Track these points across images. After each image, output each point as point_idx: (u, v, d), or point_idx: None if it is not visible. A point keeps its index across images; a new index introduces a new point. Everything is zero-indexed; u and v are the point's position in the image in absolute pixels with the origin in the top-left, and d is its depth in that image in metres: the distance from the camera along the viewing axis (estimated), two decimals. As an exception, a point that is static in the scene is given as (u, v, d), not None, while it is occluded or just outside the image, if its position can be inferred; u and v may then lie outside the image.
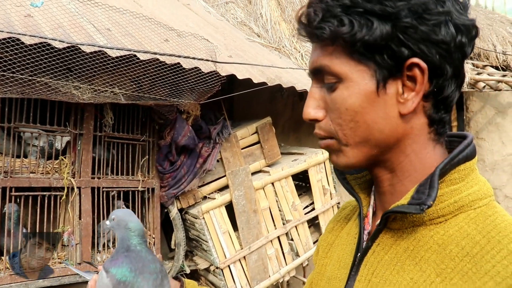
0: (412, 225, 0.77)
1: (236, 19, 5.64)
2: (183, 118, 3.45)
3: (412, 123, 0.77)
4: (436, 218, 0.74)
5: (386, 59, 0.72)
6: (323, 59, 0.78)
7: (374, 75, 0.74)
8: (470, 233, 0.70)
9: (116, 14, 2.95)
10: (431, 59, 0.71)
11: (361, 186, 0.93)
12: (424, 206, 0.70)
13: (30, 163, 2.91)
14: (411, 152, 0.79)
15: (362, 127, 0.76)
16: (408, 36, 0.70)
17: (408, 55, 0.71)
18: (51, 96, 2.63)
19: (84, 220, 3.07)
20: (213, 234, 3.50)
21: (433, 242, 0.73)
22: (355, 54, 0.74)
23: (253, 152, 4.09)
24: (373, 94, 0.74)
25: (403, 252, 0.76)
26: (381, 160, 0.81)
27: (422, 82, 0.72)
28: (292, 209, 4.07)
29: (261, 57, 4.26)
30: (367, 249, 0.83)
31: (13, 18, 2.45)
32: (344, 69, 0.75)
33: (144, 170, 3.53)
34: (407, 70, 0.73)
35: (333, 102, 0.77)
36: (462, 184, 0.75)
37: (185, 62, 2.82)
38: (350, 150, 0.79)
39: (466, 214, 0.73)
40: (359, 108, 0.75)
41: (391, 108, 0.75)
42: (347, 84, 0.75)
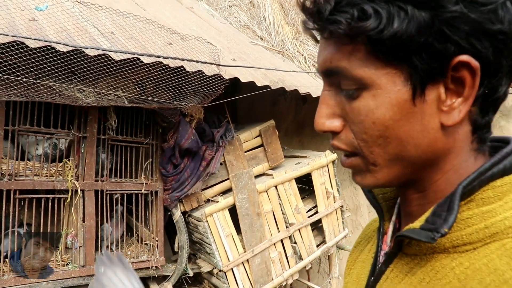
0: (431, 251, 0.63)
1: (239, 22, 5.65)
2: (187, 121, 3.45)
3: (455, 134, 0.61)
4: (462, 245, 0.59)
5: (425, 59, 0.56)
6: (339, 60, 0.61)
7: (408, 80, 0.58)
8: (500, 268, 0.53)
9: (119, 18, 2.97)
10: (485, 54, 0.56)
11: (385, 196, 0.79)
12: (437, 235, 0.58)
13: (34, 166, 2.91)
14: (450, 168, 0.64)
15: (394, 143, 0.61)
16: (455, 29, 0.54)
17: (453, 52, 0.55)
18: (55, 99, 2.64)
19: (87, 222, 3.08)
20: (216, 237, 3.50)
21: (453, 276, 0.58)
22: (382, 54, 0.57)
23: (257, 155, 4.09)
24: (408, 103, 0.58)
25: (418, 283, 0.62)
26: (414, 180, 0.66)
27: (473, 86, 0.57)
28: (296, 212, 4.07)
29: (264, 60, 4.27)
30: (381, 274, 0.71)
31: (18, 22, 2.46)
32: (369, 73, 0.59)
33: (148, 173, 3.53)
34: (452, 71, 0.57)
35: (355, 113, 0.62)
36: (498, 204, 0.58)
37: (189, 65, 2.83)
38: (380, 170, 0.64)
39: (501, 243, 0.56)
40: (390, 121, 0.59)
41: (430, 118, 0.59)
42: (373, 91, 0.59)
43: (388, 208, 0.79)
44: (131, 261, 3.31)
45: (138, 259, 3.37)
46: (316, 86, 4.35)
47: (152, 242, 3.50)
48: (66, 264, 3.07)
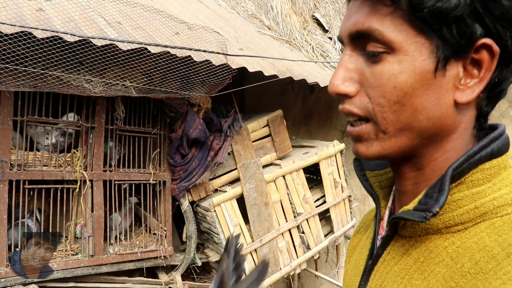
0: (425, 232, 0.66)
1: (247, 12, 5.62)
2: (194, 111, 3.45)
3: (463, 115, 0.64)
4: (454, 225, 0.62)
5: (455, 34, 0.58)
6: (372, 21, 0.62)
7: (434, 52, 0.60)
8: (488, 245, 0.57)
9: (126, 8, 2.96)
10: (505, 42, 0.59)
11: (381, 184, 0.81)
12: (429, 214, 0.60)
13: (43, 156, 2.93)
14: (451, 148, 0.66)
15: (408, 111, 0.62)
16: (487, 11, 0.57)
17: (480, 34, 0.58)
18: (63, 89, 2.64)
19: (96, 212, 3.10)
20: (224, 227, 3.51)
21: (446, 255, 0.61)
22: (417, 21, 0.59)
23: (264, 145, 4.09)
24: (430, 74, 0.60)
25: (413, 263, 0.66)
26: (414, 155, 0.68)
27: (490, 69, 0.60)
28: (303, 202, 4.07)
29: (272, 50, 4.25)
30: (378, 257, 0.74)
31: (25, 12, 2.46)
32: (400, 38, 0.60)
33: (156, 163, 3.54)
34: (474, 52, 0.60)
35: (376, 77, 0.63)
36: (487, 186, 0.62)
37: (196, 55, 2.82)
38: (388, 139, 0.65)
39: (490, 222, 0.60)
40: (410, 88, 0.61)
41: (445, 93, 0.61)
42: (400, 57, 0.61)
43: (384, 196, 0.81)
44: (140, 251, 3.33)
45: (146, 248, 3.39)
46: (324, 75, 4.33)
47: (161, 232, 3.51)
48: (75, 253, 3.10)
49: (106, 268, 3.15)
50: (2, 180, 2.71)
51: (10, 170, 2.75)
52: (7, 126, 2.73)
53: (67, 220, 3.17)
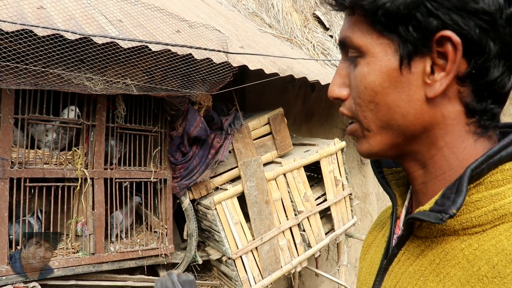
0: (441, 233, 0.65)
1: (248, 10, 5.61)
2: (195, 109, 3.45)
3: (443, 110, 0.64)
4: (471, 227, 0.61)
5: (411, 31, 0.61)
6: (346, 30, 0.68)
7: (398, 50, 0.63)
8: (507, 248, 0.55)
9: (127, 5, 2.96)
10: (468, 33, 0.58)
11: (398, 182, 0.82)
12: (445, 216, 0.59)
13: (43, 154, 2.93)
14: (443, 145, 0.66)
15: (383, 109, 0.65)
16: (437, 4, 0.58)
17: (437, 27, 0.59)
18: (63, 87, 2.64)
19: (97, 210, 3.10)
20: (225, 225, 3.51)
21: (462, 257, 0.60)
22: (377, 24, 0.63)
23: (265, 143, 4.09)
24: (396, 72, 0.63)
25: (428, 265, 0.65)
26: (409, 152, 0.70)
27: (454, 60, 0.60)
28: (304, 200, 4.07)
29: (272, 48, 4.25)
30: (393, 257, 0.74)
31: (26, 10, 2.46)
32: (366, 41, 0.65)
33: (157, 161, 3.54)
34: (438, 46, 0.61)
35: (353, 79, 0.68)
36: (507, 187, 0.60)
37: (197, 53, 2.82)
38: (373, 136, 0.68)
39: (510, 225, 0.58)
40: (379, 87, 0.64)
41: (416, 89, 0.63)
42: (368, 59, 0.65)
43: (401, 194, 0.81)
44: (141, 249, 3.33)
45: (147, 246, 3.39)
46: (325, 73, 4.33)
47: (161, 230, 3.52)
48: (76, 251, 3.10)
49: (107, 266, 3.16)
50: (3, 178, 2.71)
51: (11, 168, 2.75)
52: (8, 124, 2.73)
53: (68, 218, 3.17)
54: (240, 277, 3.60)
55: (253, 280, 3.69)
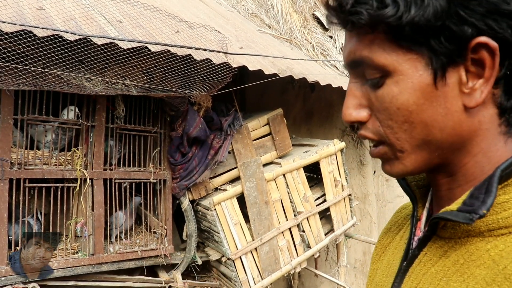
0: (466, 234, 0.64)
1: (247, 10, 5.62)
2: (195, 109, 3.45)
3: (480, 116, 0.62)
4: (497, 229, 0.60)
5: (444, 42, 0.58)
6: (362, 50, 0.64)
7: (429, 64, 0.59)
8: None
9: (127, 6, 2.96)
10: (503, 35, 0.57)
11: (418, 184, 0.80)
12: (475, 216, 0.58)
13: (43, 155, 2.93)
14: (478, 152, 0.64)
15: (419, 127, 0.62)
16: (470, 11, 0.56)
17: (472, 35, 0.57)
18: (63, 88, 2.64)
19: (96, 211, 3.10)
20: (225, 226, 3.51)
21: (488, 257, 0.59)
22: (402, 40, 0.60)
23: (265, 143, 4.09)
24: (430, 87, 0.60)
25: (452, 265, 0.64)
26: (442, 165, 0.67)
27: (493, 66, 0.58)
28: (304, 200, 4.07)
29: (272, 49, 4.25)
30: (414, 258, 0.72)
31: (26, 10, 2.46)
32: (390, 60, 0.61)
33: (156, 161, 3.54)
34: (472, 53, 0.58)
35: (380, 101, 0.64)
36: None
37: (196, 53, 2.82)
38: (407, 157, 0.65)
39: None
40: (414, 106, 0.61)
41: (453, 101, 0.60)
42: (396, 78, 0.61)
43: (421, 195, 0.79)
44: (140, 250, 3.33)
45: (147, 247, 3.39)
46: (325, 74, 4.33)
47: (161, 230, 3.52)
48: (75, 252, 3.10)
49: (106, 267, 3.16)
50: (3, 178, 2.71)
51: (10, 168, 2.75)
52: (8, 125, 2.73)
53: (68, 219, 3.17)
54: (239, 277, 3.60)
55: (253, 280, 3.69)
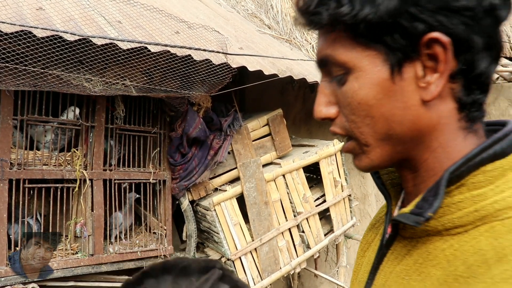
0: (425, 234, 0.66)
1: (247, 11, 5.62)
2: (194, 110, 3.45)
3: (438, 110, 0.64)
4: (453, 228, 0.62)
5: (397, 39, 0.60)
6: (326, 49, 0.67)
7: (386, 60, 0.62)
8: (483, 248, 0.56)
9: (126, 7, 2.95)
10: (454, 31, 0.59)
11: (393, 182, 0.82)
12: (421, 219, 0.61)
13: (42, 155, 2.93)
14: (437, 146, 0.66)
15: (380, 122, 0.65)
16: (421, 8, 0.58)
17: (424, 30, 0.59)
18: (62, 88, 2.64)
19: (96, 211, 3.10)
20: (224, 226, 3.51)
21: (443, 257, 0.61)
22: (360, 38, 0.62)
23: (264, 144, 4.09)
24: (388, 82, 0.62)
25: (413, 264, 0.66)
26: (406, 159, 0.70)
27: (446, 60, 0.60)
28: (303, 201, 4.07)
29: (272, 49, 4.25)
30: (383, 256, 0.75)
31: (25, 11, 2.46)
32: (351, 56, 0.64)
33: (156, 162, 3.54)
34: (426, 48, 0.61)
35: (344, 97, 0.67)
36: (489, 188, 0.60)
37: (196, 54, 2.82)
38: (372, 150, 0.68)
39: (490, 225, 0.58)
40: (373, 100, 0.64)
41: (411, 95, 0.63)
42: (356, 74, 0.64)
43: (396, 194, 0.81)
44: (140, 250, 3.33)
45: (146, 248, 3.39)
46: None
47: (161, 231, 3.51)
48: (75, 252, 3.10)
49: (106, 267, 3.15)
50: (2, 179, 2.71)
51: (10, 169, 2.75)
52: (7, 125, 2.73)
53: (67, 219, 3.17)
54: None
55: (252, 281, 3.69)
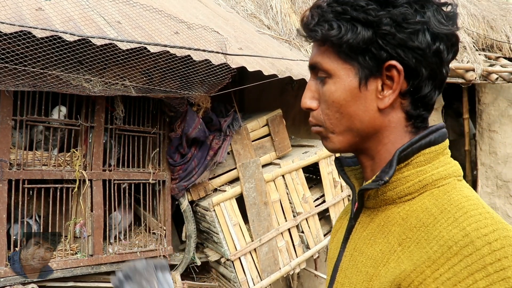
0: (384, 203, 0.87)
1: (246, 11, 5.61)
2: (194, 110, 3.45)
3: (390, 117, 0.87)
4: (404, 196, 0.84)
5: (367, 60, 0.83)
6: (317, 57, 0.89)
7: (358, 73, 0.84)
8: (428, 207, 0.79)
9: (126, 7, 2.96)
10: (407, 62, 0.81)
11: (356, 176, 1.03)
12: (381, 182, 0.83)
13: (42, 156, 2.93)
14: (388, 142, 0.89)
15: (345, 117, 0.87)
16: (386, 42, 0.80)
17: (386, 58, 0.81)
18: (62, 89, 2.64)
19: (95, 212, 3.10)
20: (224, 226, 3.51)
21: (399, 217, 0.83)
22: (342, 54, 0.84)
23: (264, 144, 4.09)
24: (356, 89, 0.85)
25: (376, 227, 0.87)
26: (363, 148, 0.92)
27: (398, 82, 0.82)
28: (303, 201, 4.07)
29: (271, 49, 4.25)
30: (352, 228, 0.95)
31: (25, 11, 2.46)
32: (333, 66, 0.86)
33: (155, 162, 3.54)
34: (386, 71, 0.83)
35: (323, 95, 0.89)
36: (428, 166, 0.84)
37: (195, 54, 2.82)
38: (336, 137, 0.90)
39: (430, 192, 0.82)
40: (343, 101, 0.86)
41: (370, 102, 0.85)
42: (335, 79, 0.86)
43: (359, 185, 1.02)
44: (139, 250, 3.33)
45: (146, 248, 3.39)
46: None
47: (160, 231, 3.52)
48: (74, 253, 3.10)
49: (105, 268, 3.15)
50: (2, 179, 2.71)
51: (9, 169, 2.75)
52: (7, 126, 2.73)
53: (67, 220, 3.17)
54: (238, 278, 3.60)
55: (252, 281, 3.69)
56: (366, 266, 0.86)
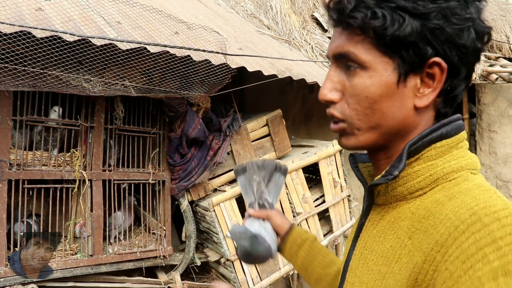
0: (395, 199, 0.84)
1: (246, 11, 5.62)
2: (194, 110, 3.45)
3: (422, 115, 0.82)
4: (415, 191, 0.80)
5: (411, 55, 0.76)
6: (349, 46, 0.81)
7: (396, 68, 0.78)
8: (439, 199, 0.76)
9: (126, 7, 2.96)
10: (451, 60, 0.76)
11: (370, 173, 0.98)
12: (390, 176, 0.79)
13: (42, 156, 2.93)
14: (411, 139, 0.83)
15: (377, 114, 0.81)
16: (434, 36, 0.75)
17: (431, 54, 0.76)
18: (62, 89, 2.64)
19: (95, 212, 3.10)
20: (224, 227, 3.51)
21: (409, 212, 0.80)
22: (382, 46, 0.78)
23: (264, 144, 4.09)
24: (394, 85, 0.79)
25: (387, 224, 0.84)
26: (384, 145, 0.86)
27: (440, 80, 0.78)
28: (303, 201, 4.07)
29: (271, 50, 4.25)
30: (362, 226, 0.92)
31: (24, 11, 2.46)
32: (369, 58, 0.79)
33: (155, 162, 3.54)
34: (428, 68, 0.77)
35: (354, 88, 0.81)
36: (439, 160, 0.80)
37: (195, 54, 2.82)
38: (362, 134, 0.84)
39: (442, 186, 0.78)
40: (378, 97, 0.79)
41: (407, 100, 0.80)
42: (370, 73, 0.79)
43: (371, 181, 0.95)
44: (139, 251, 3.33)
45: (146, 248, 3.39)
46: (323, 75, 4.33)
47: (160, 231, 3.51)
48: (74, 253, 3.10)
49: (105, 268, 3.15)
50: (2, 179, 2.71)
51: (9, 169, 2.75)
52: (6, 126, 2.73)
53: (66, 220, 3.17)
54: (238, 279, 3.60)
55: (252, 282, 3.69)
56: (377, 265, 0.82)
